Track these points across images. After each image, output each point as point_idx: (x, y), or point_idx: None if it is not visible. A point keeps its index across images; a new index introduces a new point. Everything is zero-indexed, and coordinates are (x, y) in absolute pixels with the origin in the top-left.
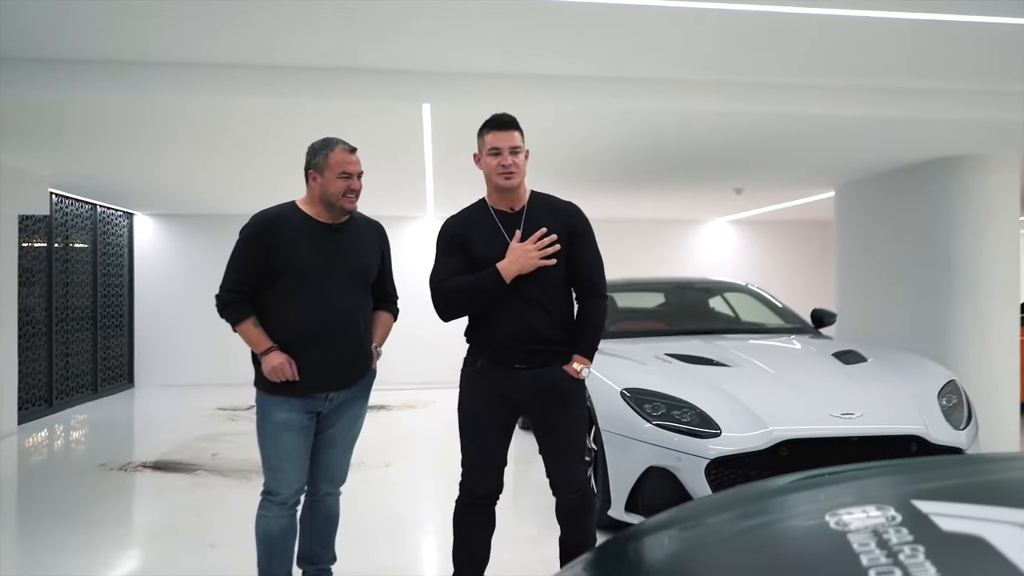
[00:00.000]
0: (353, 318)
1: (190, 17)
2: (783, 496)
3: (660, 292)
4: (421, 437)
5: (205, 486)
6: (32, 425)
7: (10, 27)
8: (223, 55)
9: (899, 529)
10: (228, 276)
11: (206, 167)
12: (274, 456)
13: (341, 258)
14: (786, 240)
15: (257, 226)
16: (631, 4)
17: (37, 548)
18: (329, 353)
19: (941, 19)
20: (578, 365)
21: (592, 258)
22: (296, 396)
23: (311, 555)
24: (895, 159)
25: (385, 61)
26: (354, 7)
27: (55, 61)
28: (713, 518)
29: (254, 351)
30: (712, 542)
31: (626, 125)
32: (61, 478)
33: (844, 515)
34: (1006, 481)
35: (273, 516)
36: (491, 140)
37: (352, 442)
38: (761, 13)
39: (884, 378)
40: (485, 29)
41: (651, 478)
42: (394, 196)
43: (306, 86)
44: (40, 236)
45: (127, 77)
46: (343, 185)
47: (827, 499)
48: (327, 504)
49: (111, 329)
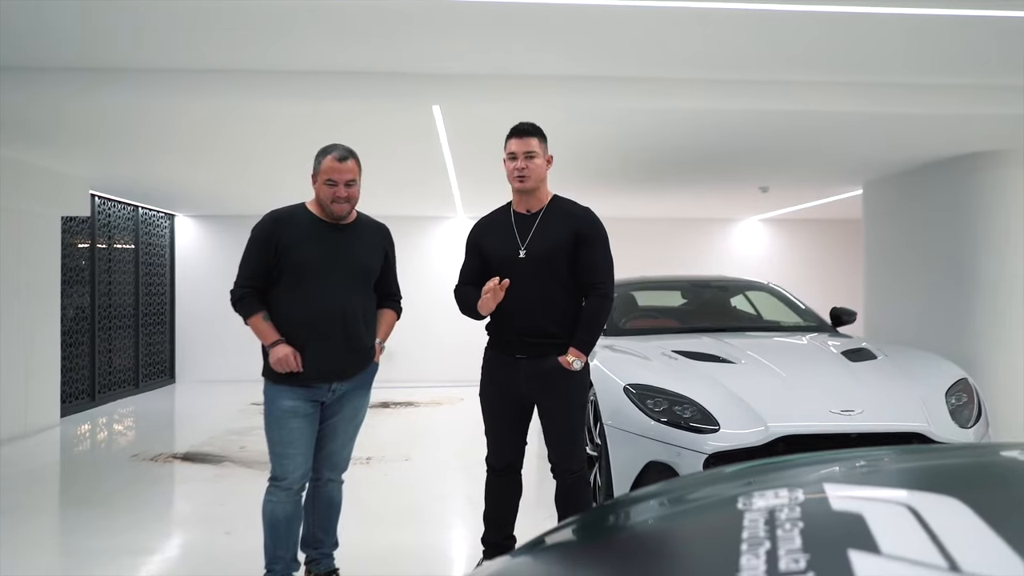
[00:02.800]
0: (353, 313)
1: (225, 27)
2: (731, 480)
3: (677, 290)
4: (444, 433)
5: (230, 477)
6: (75, 418)
7: (55, 38)
8: (253, 62)
9: (793, 508)
10: (240, 272)
11: (243, 170)
12: (280, 443)
13: (343, 256)
14: (818, 238)
15: (266, 225)
16: (653, 6)
17: (65, 530)
18: (330, 346)
19: (970, 15)
20: (571, 357)
21: (598, 259)
22: (300, 385)
23: (313, 540)
24: (923, 155)
25: (396, 65)
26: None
27: (95, 70)
28: (673, 495)
29: (263, 343)
30: (652, 514)
31: (649, 125)
32: (96, 467)
33: (756, 497)
34: (935, 467)
35: (279, 501)
36: (509, 146)
37: (354, 432)
38: (787, 12)
39: (891, 376)
40: (494, 32)
41: (652, 472)
42: (423, 197)
43: (326, 91)
44: (84, 237)
45: (166, 84)
46: (329, 192)
47: (756, 483)
48: (329, 490)
49: (153, 327)
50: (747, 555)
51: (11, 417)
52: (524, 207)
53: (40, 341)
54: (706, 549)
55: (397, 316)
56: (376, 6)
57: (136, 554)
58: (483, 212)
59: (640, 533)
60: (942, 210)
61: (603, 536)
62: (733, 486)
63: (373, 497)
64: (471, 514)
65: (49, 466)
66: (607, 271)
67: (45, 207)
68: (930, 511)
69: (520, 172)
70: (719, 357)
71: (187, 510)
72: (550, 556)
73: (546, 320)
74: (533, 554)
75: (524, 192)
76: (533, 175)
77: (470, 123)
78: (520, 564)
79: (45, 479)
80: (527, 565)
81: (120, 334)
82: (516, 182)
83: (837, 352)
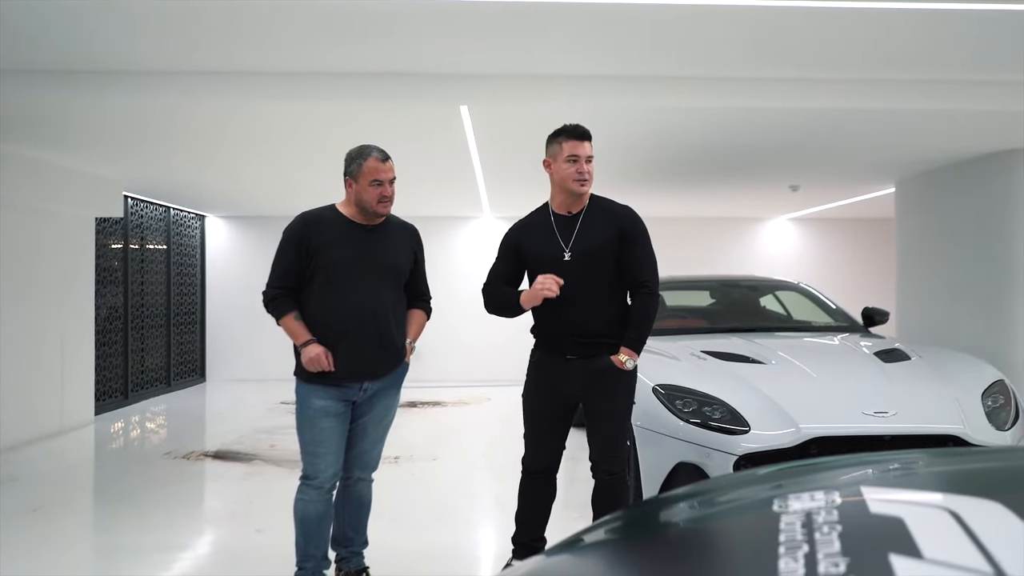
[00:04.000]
0: (384, 313)
1: (253, 30)
2: (765, 482)
3: (707, 290)
4: (472, 433)
5: (260, 474)
6: (108, 416)
7: (89, 43)
8: (289, 64)
9: (831, 511)
10: (273, 273)
11: (279, 172)
12: (312, 442)
13: (374, 257)
14: (846, 238)
15: (297, 226)
16: (684, 3)
17: (99, 527)
18: (361, 345)
19: (1007, 9)
20: (623, 356)
21: (642, 257)
22: (331, 385)
23: (344, 538)
24: (959, 152)
25: (423, 65)
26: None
27: (130, 73)
28: (706, 496)
29: (295, 343)
30: (685, 516)
31: (678, 125)
32: (128, 465)
33: (791, 500)
34: (975, 471)
35: (310, 500)
36: (569, 148)
37: (384, 431)
38: (818, 9)
39: (925, 377)
40: (520, 32)
41: (681, 474)
42: (449, 196)
43: (351, 90)
44: (117, 237)
45: (201, 86)
46: (376, 192)
47: (790, 485)
48: (359, 489)
49: (184, 326)
50: (785, 558)
51: (47, 415)
52: (565, 209)
53: (75, 341)
54: (743, 552)
55: (427, 317)
56: (407, 9)
57: (168, 551)
58: (509, 211)
59: (674, 534)
60: (978, 208)
61: (638, 537)
62: (767, 488)
63: (402, 496)
64: (499, 514)
65: (84, 463)
66: (652, 268)
67: (80, 208)
68: (972, 515)
69: (582, 176)
70: (749, 357)
71: (218, 507)
72: (585, 556)
73: (595, 320)
74: (568, 553)
75: (579, 195)
76: (591, 179)
77: (497, 123)
78: (555, 563)
79: (80, 476)
80: (562, 564)
81: (152, 333)
82: (577, 186)
83: (869, 353)
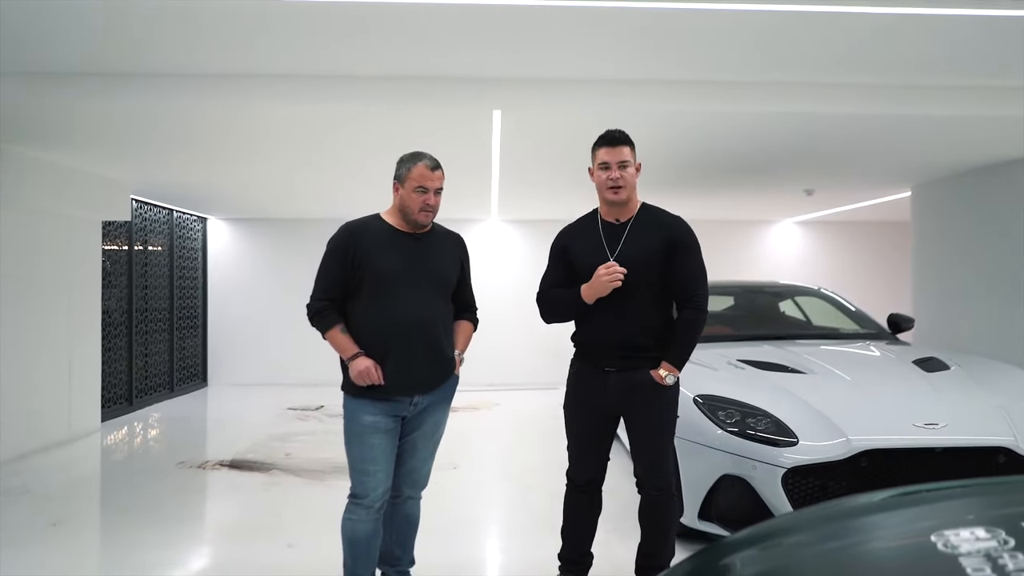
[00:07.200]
0: (433, 323)
1: (278, 34)
2: (880, 514)
3: (729, 296)
4: (485, 439)
5: (280, 484)
6: (114, 423)
7: (100, 45)
8: (317, 67)
9: (1014, 554)
10: (317, 285)
11: (278, 175)
12: (361, 459)
13: (421, 266)
14: (854, 241)
15: (342, 236)
16: (703, 8)
17: (119, 544)
18: (411, 357)
19: (1022, 15)
20: (664, 371)
21: (691, 270)
22: (380, 399)
23: (390, 557)
24: (976, 158)
25: (457, 69)
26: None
27: (138, 75)
28: (809, 535)
29: (342, 357)
30: (812, 562)
31: (699, 128)
32: (143, 475)
33: (952, 537)
34: None
35: (359, 520)
36: (601, 155)
37: (434, 448)
38: (835, 14)
39: (969, 387)
40: (557, 37)
41: (725, 487)
42: (458, 199)
43: (377, 94)
44: (121, 240)
45: (212, 89)
46: (420, 200)
47: (929, 519)
48: (408, 507)
49: (186, 330)
50: None
51: (55, 423)
52: (613, 216)
53: (82, 346)
54: None
55: (474, 328)
56: (441, 12)
57: (196, 568)
58: (516, 215)
59: (823, 569)
60: (996, 213)
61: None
62: (904, 520)
63: (431, 507)
64: (533, 526)
65: (95, 474)
66: (702, 282)
67: (88, 211)
68: None
69: (614, 183)
70: (787, 367)
71: (243, 521)
72: None
73: (637, 332)
74: None
75: (616, 203)
76: (627, 185)
77: (525, 128)
78: None
79: (94, 487)
80: None
81: (156, 338)
82: (610, 193)
83: (909, 361)
